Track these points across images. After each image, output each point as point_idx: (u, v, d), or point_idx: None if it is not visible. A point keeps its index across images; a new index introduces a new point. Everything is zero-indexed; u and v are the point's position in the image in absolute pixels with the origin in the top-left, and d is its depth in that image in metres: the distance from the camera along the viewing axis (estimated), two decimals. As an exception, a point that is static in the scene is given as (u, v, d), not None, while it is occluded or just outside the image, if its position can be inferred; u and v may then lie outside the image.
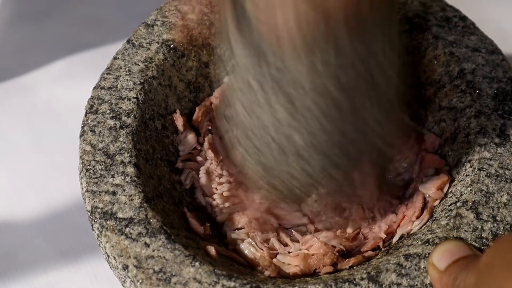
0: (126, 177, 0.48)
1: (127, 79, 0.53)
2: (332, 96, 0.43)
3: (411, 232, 0.50)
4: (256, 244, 0.50)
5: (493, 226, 0.46)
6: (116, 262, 0.45)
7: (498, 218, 0.47)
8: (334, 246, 0.50)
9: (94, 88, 0.53)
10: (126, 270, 0.45)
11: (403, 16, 0.57)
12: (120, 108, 0.52)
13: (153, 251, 0.45)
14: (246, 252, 0.50)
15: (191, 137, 0.55)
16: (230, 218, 0.53)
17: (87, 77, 0.63)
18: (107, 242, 0.46)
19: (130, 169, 0.49)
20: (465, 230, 0.46)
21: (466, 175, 0.49)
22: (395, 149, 0.50)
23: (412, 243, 0.47)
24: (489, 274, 0.38)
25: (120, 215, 0.47)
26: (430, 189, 0.51)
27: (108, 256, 0.46)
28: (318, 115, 0.43)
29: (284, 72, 0.42)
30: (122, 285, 0.47)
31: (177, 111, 0.55)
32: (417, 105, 0.56)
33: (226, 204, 0.53)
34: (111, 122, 0.51)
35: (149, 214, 0.47)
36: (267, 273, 0.49)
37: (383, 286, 0.44)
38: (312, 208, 0.51)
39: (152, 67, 0.54)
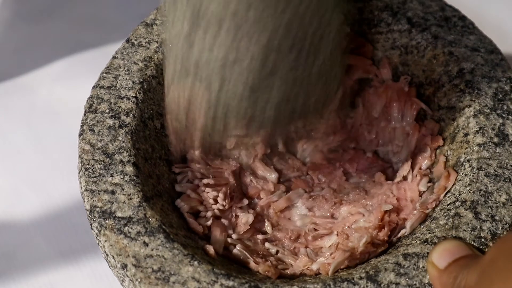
0: (125, 176, 0.48)
1: (126, 78, 0.53)
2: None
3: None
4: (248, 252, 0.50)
5: (492, 226, 0.46)
6: (115, 261, 0.45)
7: (496, 217, 0.47)
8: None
9: (93, 87, 0.53)
10: (125, 269, 0.45)
11: (402, 16, 0.57)
12: (119, 107, 0.52)
13: (152, 250, 0.45)
14: (241, 258, 0.50)
15: None
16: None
17: (86, 77, 0.63)
18: (106, 241, 0.46)
19: (129, 168, 0.49)
20: (464, 230, 0.46)
21: (465, 175, 0.49)
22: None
23: (410, 243, 0.47)
24: (493, 272, 0.37)
25: (119, 214, 0.47)
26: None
27: (107, 255, 0.46)
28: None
29: None
30: (121, 284, 0.47)
31: None
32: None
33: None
34: (110, 121, 0.51)
35: (148, 213, 0.47)
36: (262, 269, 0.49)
37: (382, 285, 0.44)
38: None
39: (152, 66, 0.54)
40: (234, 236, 0.51)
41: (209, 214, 0.51)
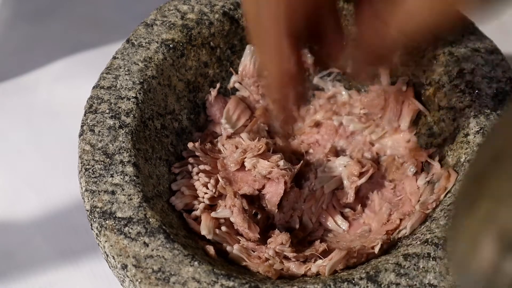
0: (125, 176, 0.48)
1: (127, 79, 0.53)
2: None
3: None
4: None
5: (492, 226, 0.46)
6: (115, 261, 0.45)
7: (497, 218, 0.47)
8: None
9: (94, 87, 0.53)
10: (125, 269, 0.45)
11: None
12: (119, 107, 0.52)
13: (152, 250, 0.45)
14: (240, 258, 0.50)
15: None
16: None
17: (86, 77, 0.63)
18: (106, 241, 0.46)
19: (129, 169, 0.49)
20: (464, 230, 0.46)
21: (465, 175, 0.50)
22: None
23: (411, 243, 0.47)
24: None
25: (119, 214, 0.47)
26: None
27: (107, 255, 0.46)
28: None
29: None
30: (121, 284, 0.47)
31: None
32: None
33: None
34: (111, 122, 0.51)
35: (148, 213, 0.47)
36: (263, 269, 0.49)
37: (382, 285, 0.44)
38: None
39: (152, 66, 0.54)
40: (223, 228, 0.51)
41: (201, 206, 0.51)
